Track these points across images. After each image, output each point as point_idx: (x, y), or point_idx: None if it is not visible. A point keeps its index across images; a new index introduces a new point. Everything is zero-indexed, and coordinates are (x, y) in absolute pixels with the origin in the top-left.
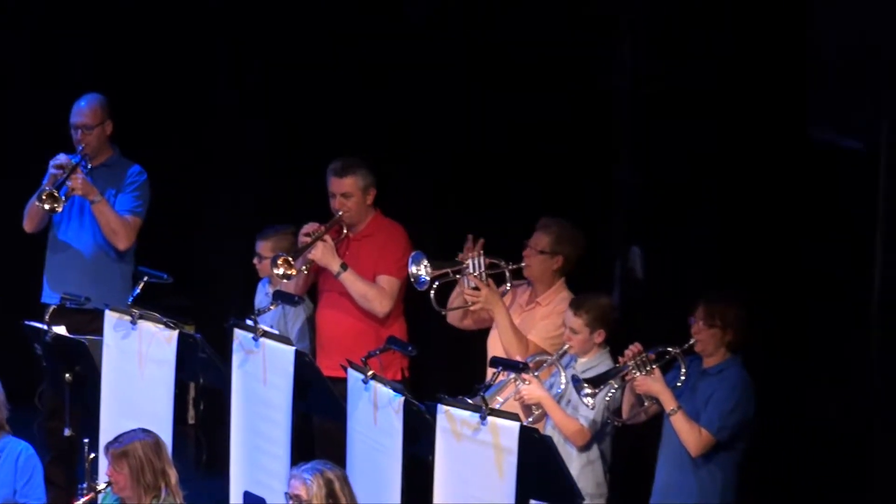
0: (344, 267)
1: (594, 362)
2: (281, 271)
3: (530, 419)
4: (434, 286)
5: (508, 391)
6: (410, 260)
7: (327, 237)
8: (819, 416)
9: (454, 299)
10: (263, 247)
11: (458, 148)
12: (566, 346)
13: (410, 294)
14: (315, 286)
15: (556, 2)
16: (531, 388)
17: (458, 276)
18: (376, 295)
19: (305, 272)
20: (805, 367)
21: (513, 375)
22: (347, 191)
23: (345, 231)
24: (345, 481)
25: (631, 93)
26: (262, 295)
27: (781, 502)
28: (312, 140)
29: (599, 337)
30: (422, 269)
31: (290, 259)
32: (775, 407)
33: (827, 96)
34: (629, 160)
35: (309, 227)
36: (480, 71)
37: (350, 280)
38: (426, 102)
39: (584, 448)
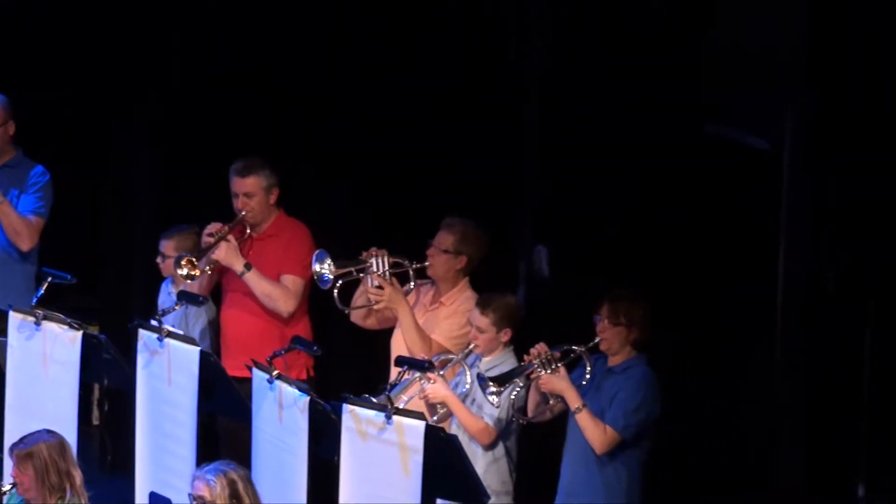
0: (248, 267)
1: (499, 361)
2: (185, 272)
3: (435, 418)
4: (337, 285)
5: (413, 390)
6: (314, 258)
7: (231, 237)
8: (723, 413)
9: (358, 298)
10: (167, 246)
11: (361, 147)
12: (472, 345)
13: (314, 293)
14: (219, 286)
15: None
16: (436, 388)
17: (361, 274)
18: (280, 294)
19: (209, 272)
20: (709, 365)
21: (418, 374)
22: (250, 191)
23: (248, 231)
24: (248, 481)
25: (536, 91)
26: (165, 294)
27: (686, 500)
28: (216, 139)
29: (506, 336)
30: (325, 268)
31: (194, 259)
32: (680, 405)
33: (730, 94)
34: (534, 158)
35: (212, 228)
36: (386, 67)
37: (254, 280)
38: (328, 102)
39: (490, 446)
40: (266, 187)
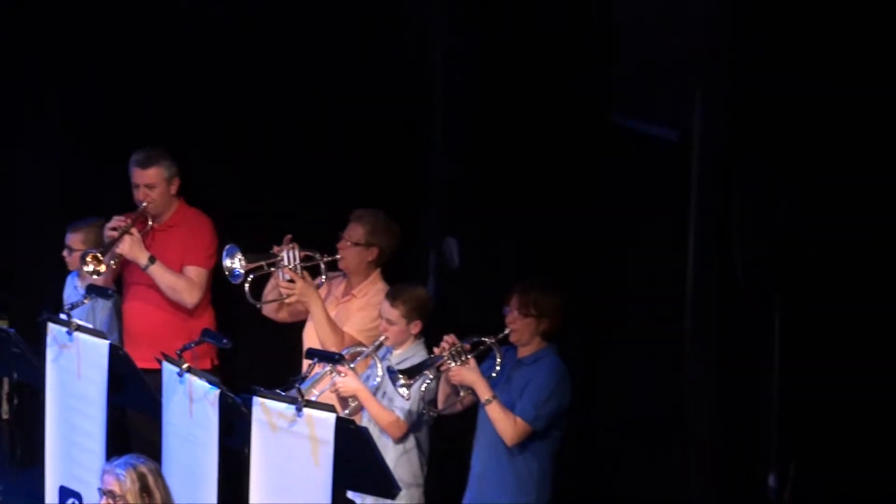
0: (152, 260)
1: (409, 353)
2: (91, 268)
3: (347, 411)
4: (249, 279)
5: (324, 383)
6: (224, 253)
7: (134, 230)
8: (633, 404)
9: (269, 292)
10: (73, 239)
11: (270, 138)
12: (382, 338)
13: (225, 285)
14: (120, 277)
15: None
16: (347, 381)
17: (272, 268)
18: (185, 286)
19: (114, 267)
20: (619, 356)
21: (329, 367)
22: (151, 182)
23: (150, 222)
24: (158, 475)
25: (442, 85)
26: (72, 288)
27: (597, 490)
28: (119, 131)
29: (416, 328)
30: (236, 263)
31: (99, 255)
32: (590, 396)
33: (636, 86)
34: (442, 150)
35: (115, 222)
36: (290, 56)
37: (158, 272)
38: (234, 91)
39: (401, 439)
40: (167, 178)
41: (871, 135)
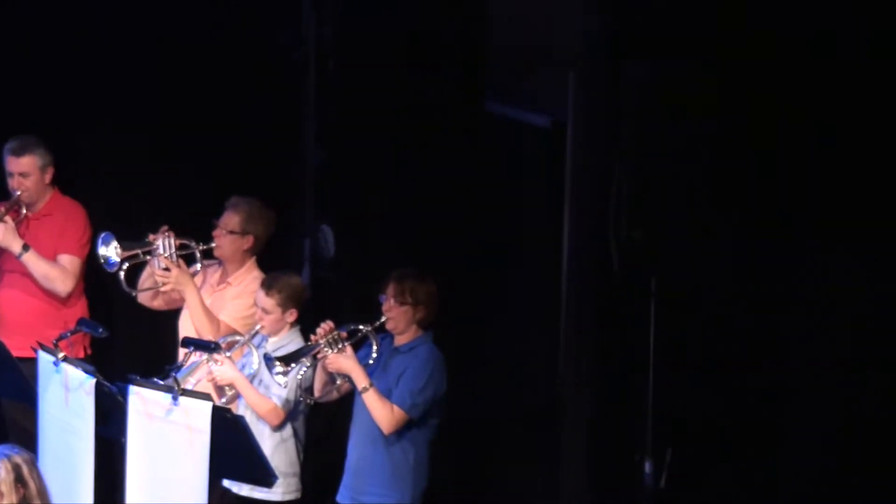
0: (25, 248)
1: (285, 341)
2: None
3: (223, 400)
4: (124, 267)
5: (201, 372)
6: (100, 241)
7: (8, 218)
8: (509, 391)
9: (145, 280)
10: None
11: (144, 127)
12: (258, 326)
13: (99, 273)
14: None
15: None
16: (223, 369)
17: (148, 256)
18: (58, 275)
19: None
20: (496, 344)
21: (205, 356)
22: (25, 170)
23: (24, 210)
24: (33, 465)
25: (314, 71)
26: None
27: (473, 479)
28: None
29: (291, 316)
30: (111, 251)
31: None
32: (467, 383)
33: (508, 72)
34: (316, 138)
35: None
36: (164, 44)
37: (32, 261)
38: (109, 79)
39: (278, 427)
40: (41, 166)
41: (748, 117)
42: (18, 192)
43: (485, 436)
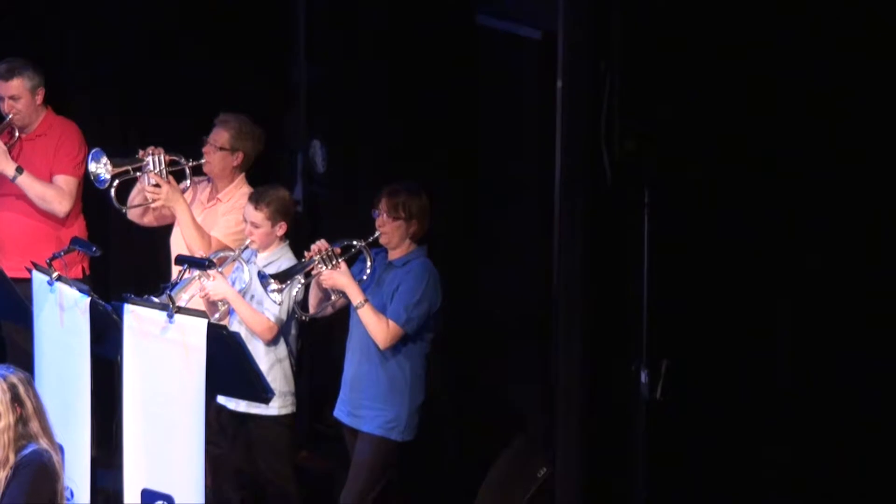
0: (19, 171)
1: (276, 256)
2: None
3: (216, 316)
4: (114, 184)
5: (193, 289)
6: (90, 157)
7: None
8: (503, 305)
9: (135, 197)
10: None
11: (134, 44)
12: (248, 241)
13: (92, 192)
14: None
15: None
16: (216, 285)
17: (138, 173)
18: (55, 196)
19: None
20: (488, 257)
21: (197, 273)
22: (15, 93)
23: (17, 133)
24: (29, 384)
25: None
26: None
27: (468, 391)
28: None
29: (281, 230)
30: (101, 168)
31: None
32: (460, 297)
33: None
34: (306, 54)
35: None
36: None
37: (27, 183)
38: None
39: (272, 343)
40: (31, 88)
41: (742, 26)
42: (10, 116)
43: (480, 348)
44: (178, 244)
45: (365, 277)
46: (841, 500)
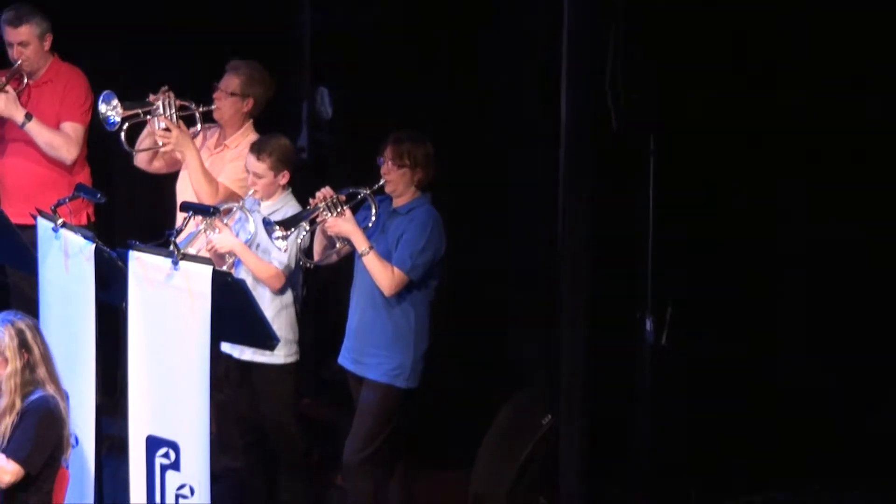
0: (28, 117)
1: (279, 204)
2: None
3: (224, 268)
4: (124, 127)
5: (200, 242)
6: (101, 99)
7: (9, 88)
8: (506, 253)
9: (143, 140)
10: None
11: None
12: (252, 191)
13: (101, 138)
14: None
15: None
16: (222, 237)
17: (148, 117)
18: (63, 143)
19: None
20: (492, 204)
21: (203, 225)
22: (24, 39)
23: (25, 80)
24: (36, 330)
25: None
26: None
27: (473, 338)
28: None
29: (284, 178)
30: (112, 110)
31: None
32: (465, 245)
33: None
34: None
35: None
36: None
37: (35, 129)
38: None
39: (279, 291)
40: (39, 34)
41: None
42: (19, 62)
43: (484, 296)
44: (184, 190)
45: (370, 225)
46: (843, 438)
